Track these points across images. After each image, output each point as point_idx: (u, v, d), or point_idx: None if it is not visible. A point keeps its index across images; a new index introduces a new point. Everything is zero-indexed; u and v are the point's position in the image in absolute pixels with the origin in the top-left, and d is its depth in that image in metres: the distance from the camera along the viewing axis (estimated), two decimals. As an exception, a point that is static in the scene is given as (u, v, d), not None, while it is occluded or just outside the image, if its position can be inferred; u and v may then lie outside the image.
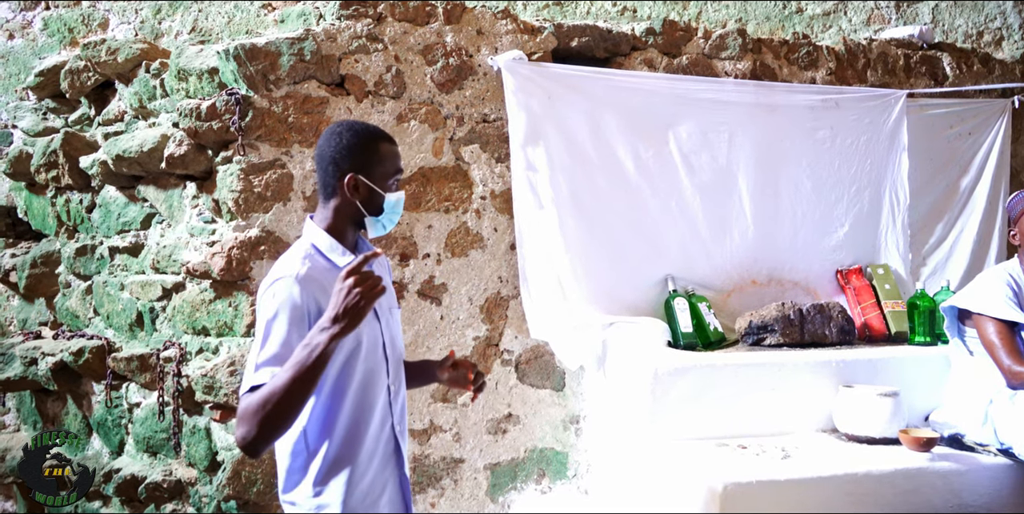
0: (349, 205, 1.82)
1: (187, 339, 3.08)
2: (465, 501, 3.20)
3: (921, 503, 2.62)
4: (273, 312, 1.67)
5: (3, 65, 4.25)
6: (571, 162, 3.26)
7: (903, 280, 3.71)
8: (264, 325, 1.67)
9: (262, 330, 1.67)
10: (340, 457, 1.76)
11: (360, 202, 1.81)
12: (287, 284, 1.69)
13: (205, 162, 3.00)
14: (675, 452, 2.79)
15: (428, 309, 3.14)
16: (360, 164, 1.80)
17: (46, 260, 3.91)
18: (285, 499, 1.83)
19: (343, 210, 1.83)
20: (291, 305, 1.67)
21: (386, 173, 1.83)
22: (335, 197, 1.83)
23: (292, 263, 1.75)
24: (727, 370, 2.96)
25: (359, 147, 1.81)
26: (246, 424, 1.57)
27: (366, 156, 1.81)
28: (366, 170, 1.81)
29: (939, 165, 3.99)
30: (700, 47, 3.63)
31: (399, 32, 3.11)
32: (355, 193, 1.81)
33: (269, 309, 1.68)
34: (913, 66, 4.02)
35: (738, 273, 3.54)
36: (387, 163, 1.83)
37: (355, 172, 1.80)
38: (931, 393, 3.10)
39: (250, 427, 1.57)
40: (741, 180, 3.54)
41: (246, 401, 1.59)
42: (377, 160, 1.82)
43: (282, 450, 1.80)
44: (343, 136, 1.82)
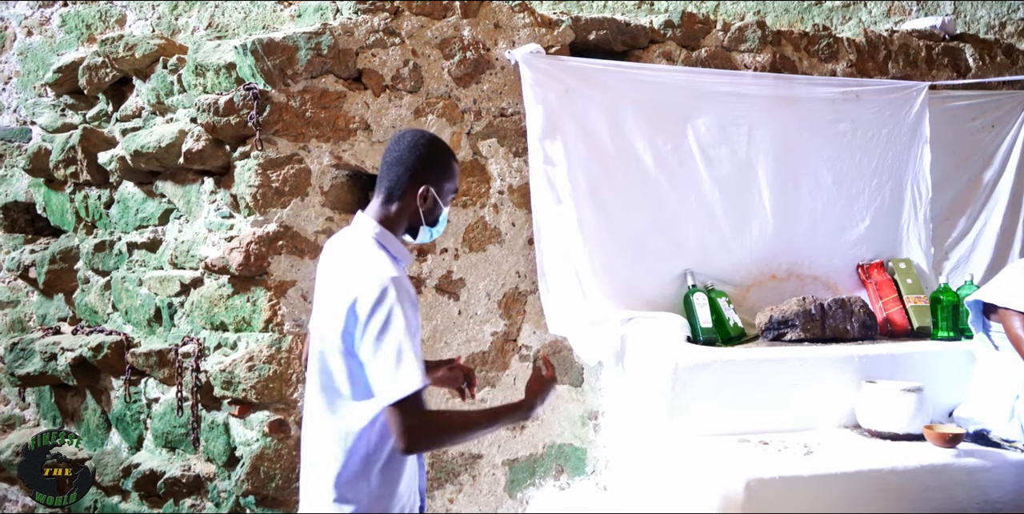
0: (413, 212, 1.93)
1: (205, 334, 3.08)
2: (483, 497, 3.19)
3: (947, 499, 2.59)
4: (408, 316, 1.72)
5: (22, 62, 4.27)
6: (589, 156, 3.23)
7: (925, 274, 3.67)
8: (404, 330, 1.71)
9: (402, 334, 1.71)
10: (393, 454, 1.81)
11: (424, 211, 1.93)
12: (404, 287, 1.76)
13: (223, 157, 3.00)
14: (696, 448, 2.77)
15: (446, 304, 3.13)
16: (436, 178, 1.93)
17: (65, 256, 3.93)
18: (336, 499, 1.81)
19: (404, 214, 1.93)
20: (413, 308, 1.76)
21: (452, 189, 1.98)
22: (400, 201, 1.92)
23: (383, 264, 1.80)
24: (748, 365, 2.93)
25: (438, 162, 1.94)
26: (435, 437, 1.73)
27: (442, 171, 1.94)
28: (438, 184, 1.94)
29: (962, 158, 3.94)
30: (719, 40, 3.60)
31: (416, 26, 3.09)
32: (423, 203, 1.92)
33: (401, 314, 1.71)
34: (935, 58, 3.97)
35: (758, 268, 3.51)
36: (455, 180, 1.99)
37: (430, 185, 1.91)
38: (955, 389, 3.07)
39: (434, 441, 1.74)
40: (760, 174, 3.51)
41: (444, 419, 1.77)
42: (448, 176, 1.96)
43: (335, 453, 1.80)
44: (426, 148, 1.93)
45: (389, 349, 1.69)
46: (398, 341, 1.69)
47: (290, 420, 2.88)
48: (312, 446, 1.88)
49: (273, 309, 2.87)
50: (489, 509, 3.20)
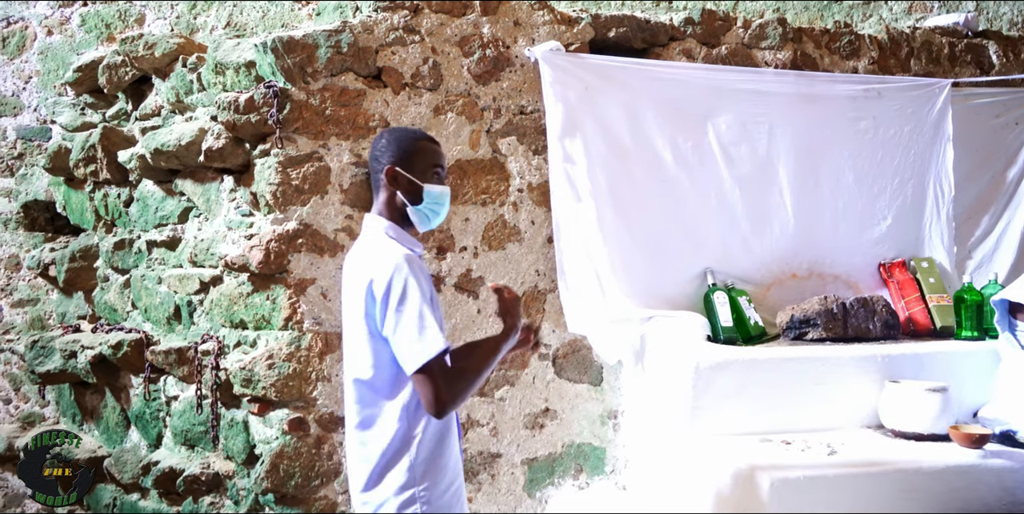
0: (392, 196, 2.01)
1: (225, 332, 3.08)
2: (502, 496, 3.18)
3: (973, 500, 2.56)
4: (423, 287, 1.82)
5: (42, 61, 4.29)
6: (609, 154, 3.21)
7: (948, 273, 3.63)
8: (420, 299, 1.80)
9: (420, 303, 1.80)
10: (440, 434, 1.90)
11: (401, 192, 1.99)
12: (416, 264, 1.85)
13: (242, 155, 3.00)
14: (717, 447, 2.75)
15: (465, 303, 3.12)
16: (399, 157, 2.00)
17: (85, 254, 3.94)
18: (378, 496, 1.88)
19: (391, 202, 2.01)
20: (428, 282, 1.86)
21: (424, 164, 2.01)
22: (383, 191, 2.02)
23: (392, 248, 1.89)
24: (769, 365, 2.91)
25: (400, 145, 2.01)
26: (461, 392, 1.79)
27: (404, 150, 2.00)
28: (403, 162, 1.99)
29: (985, 155, 3.89)
30: (739, 37, 3.57)
31: (436, 24, 3.09)
32: (395, 183, 1.99)
33: (417, 286, 1.81)
34: (958, 54, 3.93)
35: (778, 266, 3.48)
36: (424, 156, 2.02)
37: (393, 164, 1.99)
38: (980, 389, 3.04)
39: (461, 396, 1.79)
40: (781, 172, 3.48)
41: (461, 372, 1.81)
42: (415, 154, 2.01)
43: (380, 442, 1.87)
44: (387, 135, 2.04)
45: (410, 319, 1.78)
46: (418, 310, 1.78)
47: (309, 418, 2.87)
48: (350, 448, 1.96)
49: (293, 307, 2.87)
50: (508, 508, 3.18)
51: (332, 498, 2.91)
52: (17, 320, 4.33)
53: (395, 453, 1.85)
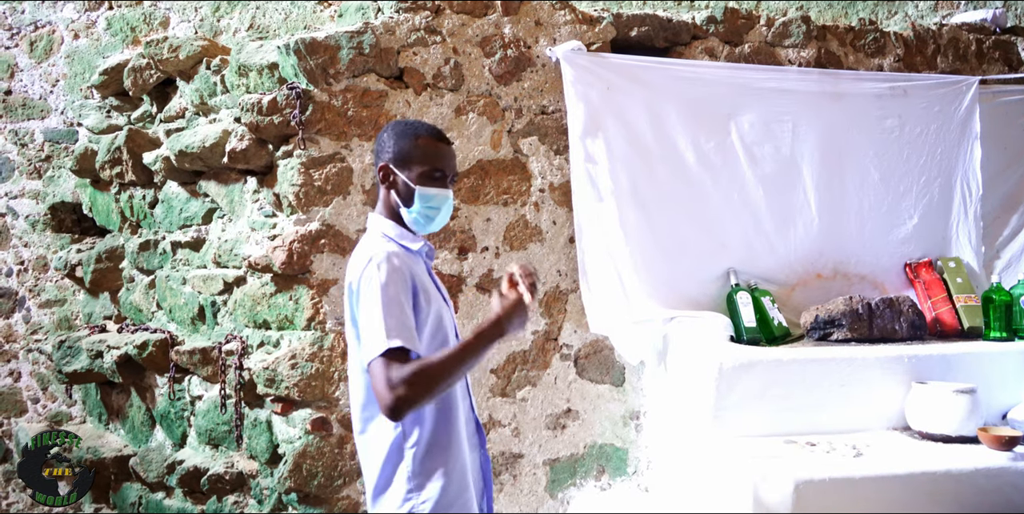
0: (387, 196, 1.91)
1: (248, 332, 3.10)
2: (524, 497, 3.17)
3: (1003, 503, 2.52)
4: (384, 282, 1.71)
5: (69, 65, 4.35)
6: (631, 154, 3.20)
7: (975, 274, 3.58)
8: (380, 295, 1.70)
9: (378, 300, 1.69)
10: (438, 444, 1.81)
11: (395, 192, 1.89)
12: (386, 258, 1.75)
13: (266, 156, 3.02)
14: (741, 449, 2.72)
15: (487, 303, 3.12)
16: (394, 156, 1.88)
17: (110, 255, 3.99)
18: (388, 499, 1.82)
19: (387, 201, 1.92)
20: (398, 276, 1.73)
21: (420, 165, 1.87)
22: (381, 189, 1.93)
23: (377, 246, 1.81)
24: (794, 365, 2.88)
25: (395, 138, 1.89)
26: (416, 387, 1.61)
27: (399, 147, 1.88)
28: (398, 161, 1.88)
29: (1013, 154, 3.83)
30: (763, 35, 3.55)
31: (457, 24, 3.09)
32: (386, 182, 1.89)
33: (378, 282, 1.71)
34: (986, 52, 3.88)
35: (802, 266, 3.44)
36: (422, 155, 1.87)
37: (387, 163, 1.88)
38: (1009, 390, 2.99)
39: (419, 391, 1.61)
40: (805, 171, 3.44)
41: (417, 366, 1.63)
42: (410, 150, 1.88)
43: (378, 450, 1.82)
44: (387, 131, 1.92)
45: (371, 313, 1.69)
46: (377, 307, 1.68)
47: (332, 418, 2.88)
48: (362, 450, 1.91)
49: (315, 307, 2.88)
50: (530, 509, 3.18)
51: (354, 498, 2.92)
52: (45, 320, 4.39)
53: (391, 462, 1.78)
